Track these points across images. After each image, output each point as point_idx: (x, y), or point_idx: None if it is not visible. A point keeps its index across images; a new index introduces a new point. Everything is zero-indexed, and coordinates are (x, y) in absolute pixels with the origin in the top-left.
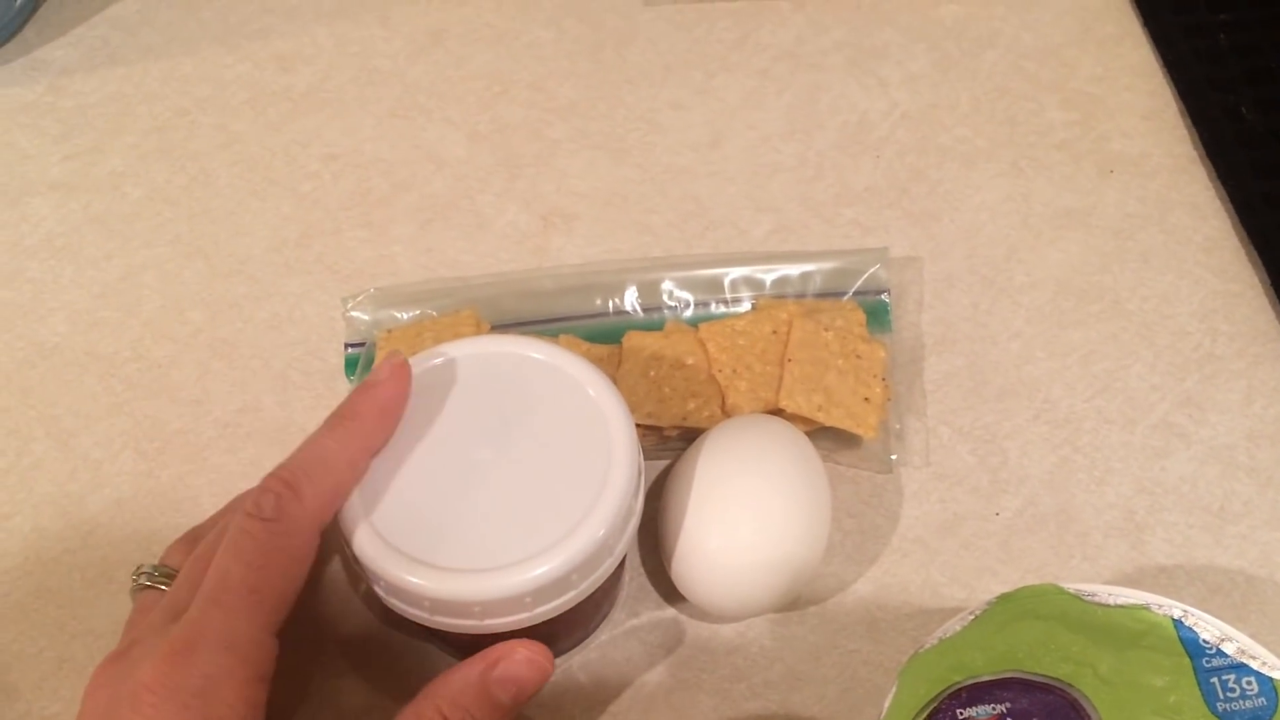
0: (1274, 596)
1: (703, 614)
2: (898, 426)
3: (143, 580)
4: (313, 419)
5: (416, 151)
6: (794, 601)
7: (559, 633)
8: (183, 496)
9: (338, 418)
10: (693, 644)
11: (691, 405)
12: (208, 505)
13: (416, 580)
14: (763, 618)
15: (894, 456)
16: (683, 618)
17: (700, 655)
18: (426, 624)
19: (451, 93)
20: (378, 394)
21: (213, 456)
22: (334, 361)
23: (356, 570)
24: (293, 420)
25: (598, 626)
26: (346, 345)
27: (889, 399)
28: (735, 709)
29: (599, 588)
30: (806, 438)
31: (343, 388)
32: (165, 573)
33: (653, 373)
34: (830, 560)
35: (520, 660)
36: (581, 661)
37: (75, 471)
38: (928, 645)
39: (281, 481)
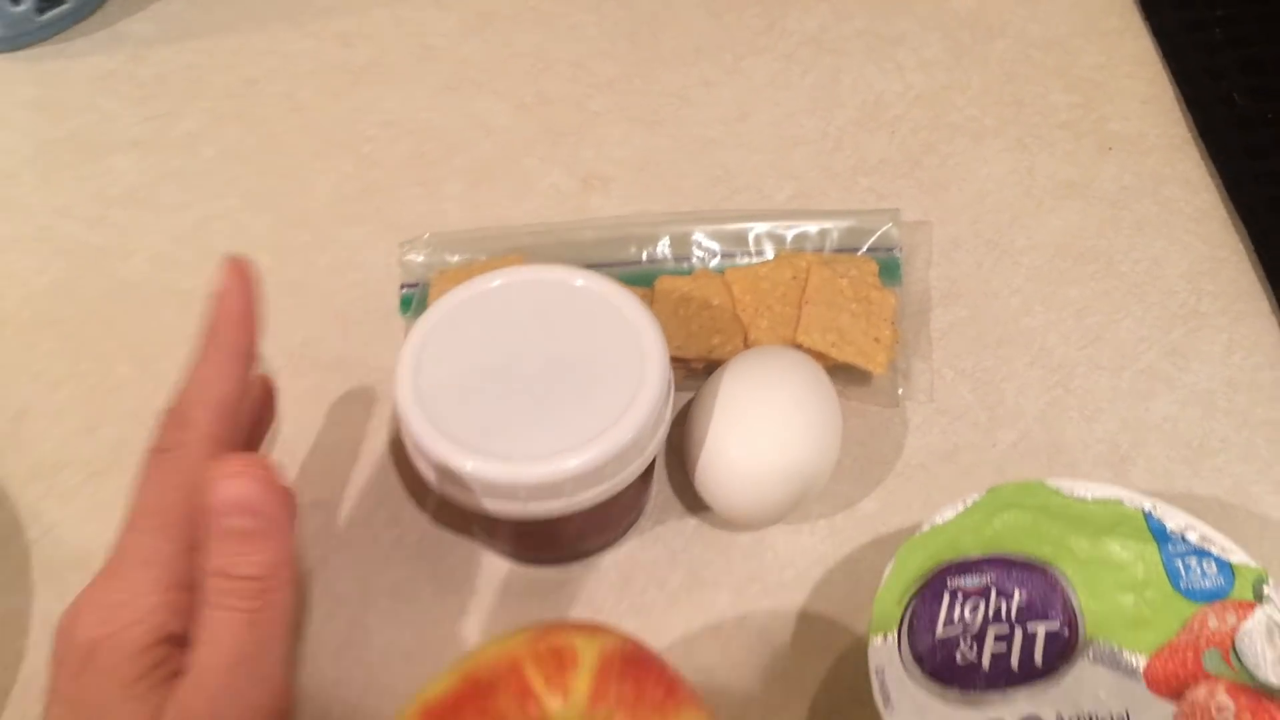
0: (1245, 521)
1: (723, 523)
2: (904, 366)
3: None
4: (370, 350)
5: (467, 120)
6: (806, 513)
7: (594, 529)
8: None
9: (203, 339)
10: (713, 549)
11: (716, 340)
12: (278, 427)
13: (471, 465)
14: (776, 528)
15: (900, 392)
16: (705, 527)
17: (719, 559)
18: (477, 509)
19: (499, 69)
20: (226, 304)
21: (280, 381)
22: (390, 301)
23: (423, 474)
24: (352, 351)
25: (628, 529)
26: (402, 286)
27: (897, 341)
28: (750, 605)
29: (630, 488)
30: (820, 366)
31: (398, 323)
32: None
33: (681, 311)
34: (839, 481)
35: (221, 483)
36: (612, 560)
37: (155, 391)
38: (923, 530)
39: (169, 414)
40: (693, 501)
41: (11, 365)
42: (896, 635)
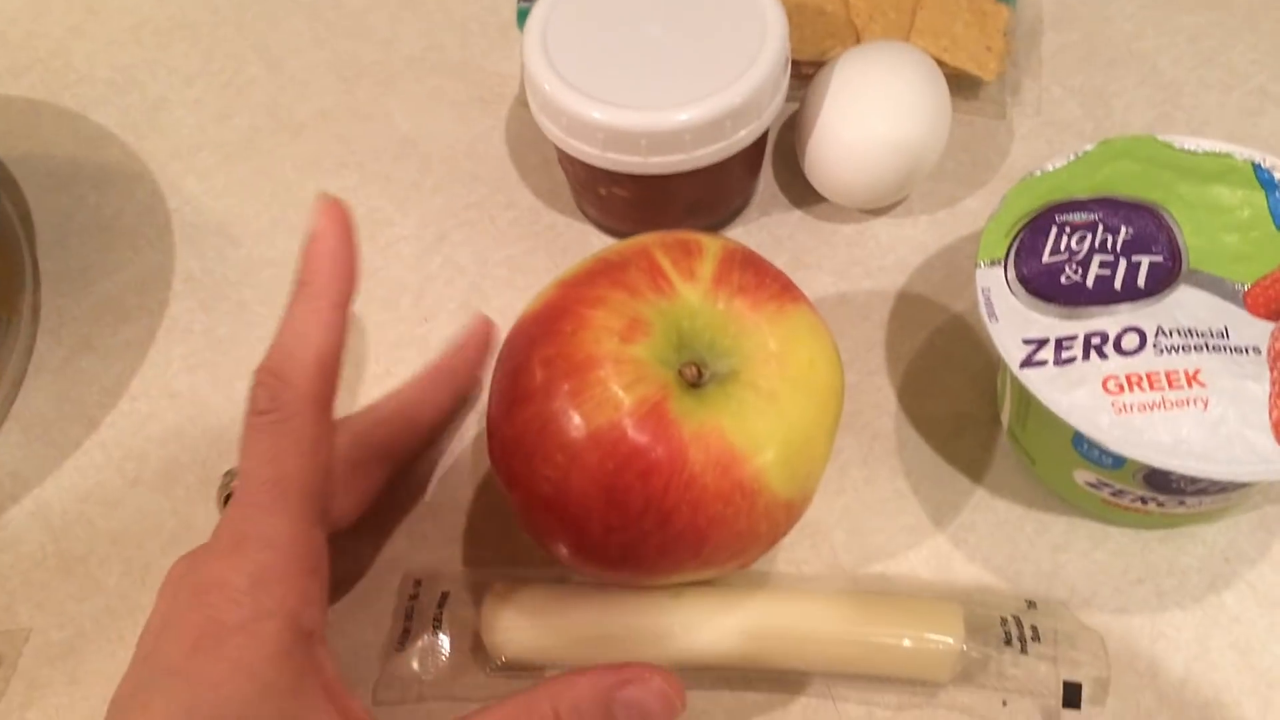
0: None
1: (828, 214)
2: (1013, 81)
3: (231, 484)
4: (488, 59)
5: None
6: (908, 208)
7: (704, 203)
8: (377, 111)
9: (297, 288)
10: (816, 237)
11: (829, 43)
12: (401, 123)
13: (597, 114)
14: (879, 221)
15: (1008, 103)
16: (809, 219)
17: (822, 246)
18: (598, 164)
19: None
20: (321, 247)
21: (401, 84)
22: (507, 15)
23: (547, 131)
24: (471, 59)
25: (736, 214)
26: (519, 0)
27: (1008, 53)
28: (851, 285)
29: (741, 164)
30: (929, 56)
31: (514, 35)
32: None
33: (795, 18)
34: (943, 181)
35: (654, 690)
36: None
37: (284, 87)
38: (1034, 175)
39: (267, 372)
40: (798, 196)
41: (149, 61)
42: (1003, 261)
